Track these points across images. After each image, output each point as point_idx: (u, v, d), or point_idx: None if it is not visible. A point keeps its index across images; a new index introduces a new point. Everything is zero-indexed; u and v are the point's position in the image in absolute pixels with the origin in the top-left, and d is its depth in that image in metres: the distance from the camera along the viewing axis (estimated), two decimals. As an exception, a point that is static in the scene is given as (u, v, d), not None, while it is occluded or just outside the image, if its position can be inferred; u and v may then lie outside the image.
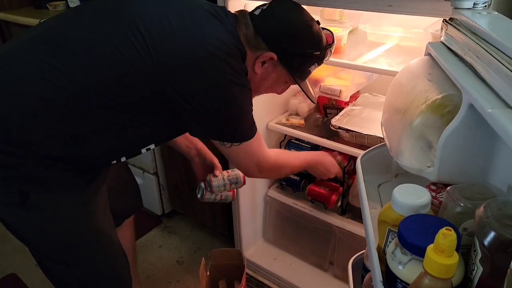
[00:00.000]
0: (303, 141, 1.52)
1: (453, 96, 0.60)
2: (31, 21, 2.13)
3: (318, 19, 1.00)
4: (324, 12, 1.38)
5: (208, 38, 0.85)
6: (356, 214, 1.47)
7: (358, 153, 1.03)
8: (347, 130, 1.32)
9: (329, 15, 1.38)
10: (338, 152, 1.39)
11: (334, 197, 1.45)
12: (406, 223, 0.52)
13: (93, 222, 0.99)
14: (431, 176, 0.62)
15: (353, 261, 0.89)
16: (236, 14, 0.96)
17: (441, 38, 0.73)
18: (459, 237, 0.44)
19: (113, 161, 0.96)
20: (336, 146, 1.36)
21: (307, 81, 1.07)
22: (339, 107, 1.49)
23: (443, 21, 0.73)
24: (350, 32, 1.34)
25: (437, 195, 0.63)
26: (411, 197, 0.56)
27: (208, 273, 1.47)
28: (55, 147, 0.86)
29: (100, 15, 0.86)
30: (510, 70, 0.46)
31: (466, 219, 0.52)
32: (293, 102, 1.57)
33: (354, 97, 1.51)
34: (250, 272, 1.68)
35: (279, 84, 1.05)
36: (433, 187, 0.65)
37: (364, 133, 1.29)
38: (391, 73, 1.09)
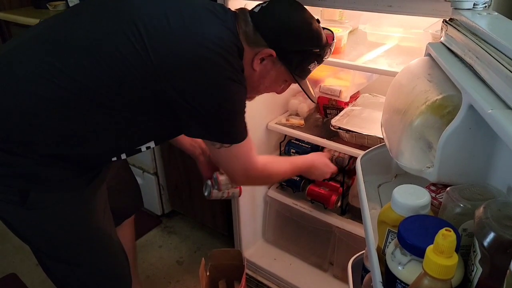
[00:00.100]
0: (303, 141, 1.52)
1: (453, 97, 0.60)
2: (31, 21, 2.13)
3: (318, 19, 1.00)
4: (324, 12, 1.38)
5: (208, 37, 0.85)
6: (356, 215, 1.47)
7: (358, 153, 1.03)
8: (347, 131, 1.32)
9: (329, 15, 1.38)
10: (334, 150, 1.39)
11: (334, 197, 1.45)
12: (406, 224, 0.52)
13: (93, 221, 0.99)
14: (431, 176, 0.62)
15: (352, 261, 0.89)
16: (236, 11, 0.97)
17: (441, 39, 0.73)
18: (458, 238, 0.44)
19: (113, 159, 0.96)
20: (336, 147, 1.36)
21: (307, 81, 1.07)
22: (339, 108, 1.49)
23: (443, 21, 0.73)
24: (350, 32, 1.34)
25: (436, 196, 0.64)
26: (411, 198, 0.56)
27: (208, 273, 1.47)
28: (55, 146, 0.86)
29: (100, 15, 0.86)
30: (510, 71, 0.46)
31: (466, 220, 0.52)
32: (293, 102, 1.57)
33: (354, 97, 1.51)
34: (250, 272, 1.68)
35: (279, 82, 1.04)
36: (433, 188, 0.65)
37: (364, 133, 1.29)
38: (391, 74, 1.08)
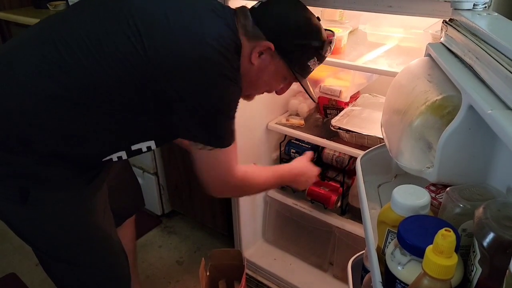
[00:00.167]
0: (303, 142, 1.52)
1: (453, 97, 0.60)
2: (31, 21, 2.13)
3: (318, 17, 0.99)
4: (324, 12, 1.38)
5: (208, 36, 0.84)
6: (356, 215, 1.47)
7: (358, 153, 1.03)
8: (347, 131, 1.32)
9: (329, 15, 1.38)
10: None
11: (334, 197, 1.45)
12: (406, 224, 0.52)
13: (93, 221, 0.99)
14: (430, 177, 0.62)
15: (352, 261, 0.89)
16: (235, 9, 0.97)
17: (441, 39, 0.73)
18: (458, 238, 0.44)
19: (113, 159, 0.96)
20: (336, 147, 1.36)
21: (307, 81, 1.07)
22: (339, 108, 1.49)
23: (443, 22, 0.73)
24: (350, 32, 1.34)
25: (436, 196, 0.64)
26: (410, 198, 0.56)
27: (208, 273, 1.47)
28: (55, 145, 0.86)
29: (100, 14, 0.86)
30: (509, 71, 0.46)
31: (466, 220, 0.52)
32: (293, 102, 1.57)
33: (354, 97, 1.51)
34: (250, 272, 1.68)
35: (278, 79, 1.02)
36: (432, 188, 0.65)
37: (364, 133, 1.29)
38: (391, 74, 1.09)
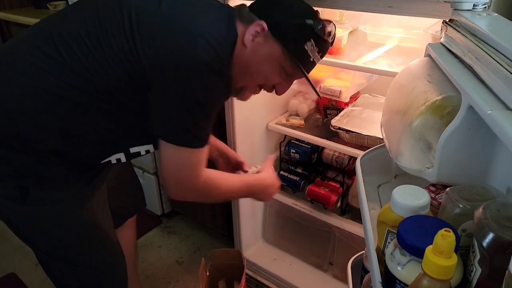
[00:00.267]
0: (303, 142, 1.52)
1: (452, 98, 0.60)
2: (31, 21, 2.13)
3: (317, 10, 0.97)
4: (324, 12, 1.38)
5: (202, 34, 0.81)
6: (356, 215, 1.47)
7: (358, 153, 1.03)
8: (347, 131, 1.32)
9: (329, 15, 1.38)
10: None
11: (334, 197, 1.45)
12: (405, 224, 0.52)
13: (93, 220, 0.99)
14: (430, 177, 0.62)
15: (352, 261, 0.89)
16: (235, 6, 0.96)
17: (441, 39, 0.73)
18: (457, 238, 0.44)
19: (112, 161, 0.96)
20: (336, 147, 1.36)
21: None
22: (339, 108, 1.49)
23: (443, 22, 0.73)
24: (350, 32, 1.34)
25: (436, 196, 0.64)
26: (410, 198, 0.56)
27: (207, 273, 1.47)
28: (55, 145, 0.86)
29: (100, 14, 0.86)
30: (509, 71, 0.46)
31: (465, 220, 0.52)
32: (293, 102, 1.57)
33: (354, 97, 1.51)
34: (249, 272, 1.68)
35: (273, 65, 0.92)
36: (432, 188, 0.65)
37: (364, 133, 1.29)
38: (391, 74, 1.09)
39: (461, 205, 0.53)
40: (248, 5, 0.94)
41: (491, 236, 0.43)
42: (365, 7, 1.00)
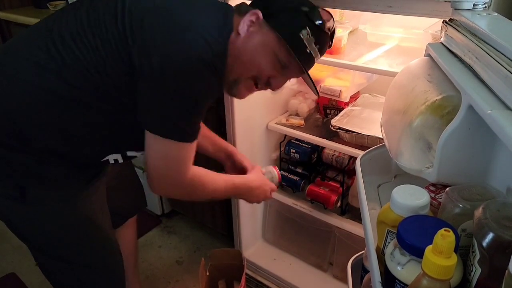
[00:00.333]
0: (303, 142, 1.52)
1: (452, 97, 0.60)
2: (31, 20, 2.13)
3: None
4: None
5: (201, 32, 0.81)
6: (356, 215, 1.47)
7: (358, 153, 1.03)
8: (347, 131, 1.32)
9: (329, 15, 1.38)
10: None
11: (334, 197, 1.45)
12: (405, 224, 0.52)
13: (92, 220, 0.99)
14: (430, 177, 0.62)
15: (352, 261, 0.89)
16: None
17: (441, 39, 0.73)
18: (457, 238, 0.44)
19: (110, 162, 0.96)
20: (336, 147, 1.36)
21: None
22: (339, 108, 1.49)
23: (443, 22, 0.73)
24: (350, 32, 1.34)
25: (436, 196, 0.64)
26: (410, 198, 0.56)
27: (207, 273, 1.47)
28: (55, 144, 0.86)
29: (99, 13, 0.86)
30: (509, 71, 0.46)
31: (465, 220, 0.52)
32: (293, 102, 1.57)
33: (354, 97, 1.51)
34: (249, 272, 1.68)
35: (267, 54, 0.89)
36: (432, 188, 0.65)
37: (364, 133, 1.29)
38: (391, 74, 1.09)
39: (461, 205, 0.53)
40: (249, 3, 0.94)
41: (491, 236, 0.43)
42: (365, 6, 1.00)
